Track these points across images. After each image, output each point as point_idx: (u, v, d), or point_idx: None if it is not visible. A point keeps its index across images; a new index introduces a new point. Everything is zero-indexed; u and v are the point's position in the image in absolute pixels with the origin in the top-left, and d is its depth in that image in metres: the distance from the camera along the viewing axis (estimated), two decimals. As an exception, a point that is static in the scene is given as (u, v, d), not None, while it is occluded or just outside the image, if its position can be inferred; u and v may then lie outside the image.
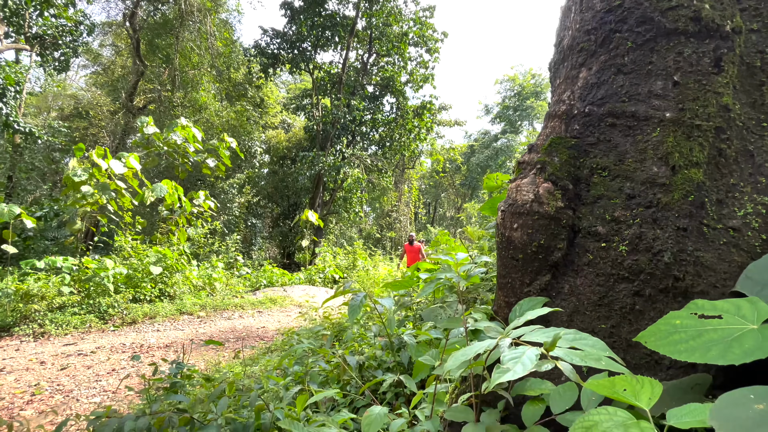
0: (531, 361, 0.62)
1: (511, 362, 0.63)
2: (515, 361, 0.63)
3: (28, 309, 5.77)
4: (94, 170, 8.14)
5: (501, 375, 0.60)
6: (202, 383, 1.82)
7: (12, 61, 11.22)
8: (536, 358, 0.63)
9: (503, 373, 0.61)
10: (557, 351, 0.65)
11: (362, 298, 1.00)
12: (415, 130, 19.07)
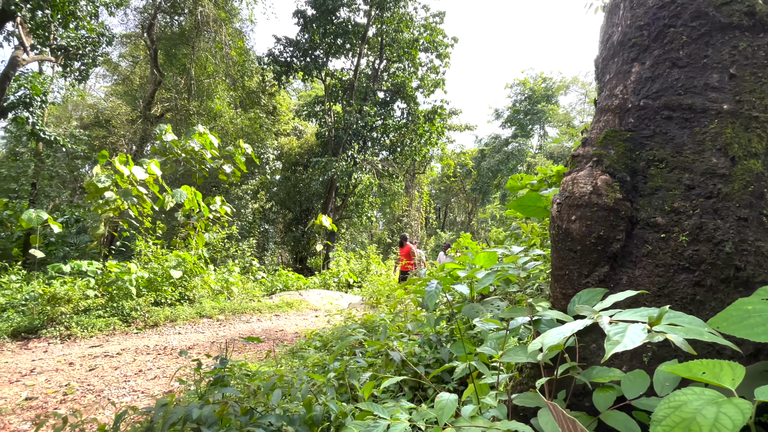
0: (639, 335, 0.64)
1: (618, 336, 0.64)
2: (621, 335, 0.65)
3: (54, 312, 5.90)
4: (116, 177, 8.35)
5: (613, 347, 0.62)
6: (246, 378, 1.86)
7: (36, 72, 11.60)
8: (644, 332, 0.65)
9: (614, 345, 0.62)
10: (660, 327, 0.67)
11: (437, 286, 1.02)
12: (426, 135, 19.14)
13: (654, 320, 0.67)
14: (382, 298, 5.94)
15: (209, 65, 18.48)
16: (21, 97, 9.17)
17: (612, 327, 0.70)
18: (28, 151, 13.68)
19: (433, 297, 1.02)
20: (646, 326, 0.67)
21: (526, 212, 2.19)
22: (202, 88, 19.10)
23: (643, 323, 0.69)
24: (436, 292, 1.03)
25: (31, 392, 3.77)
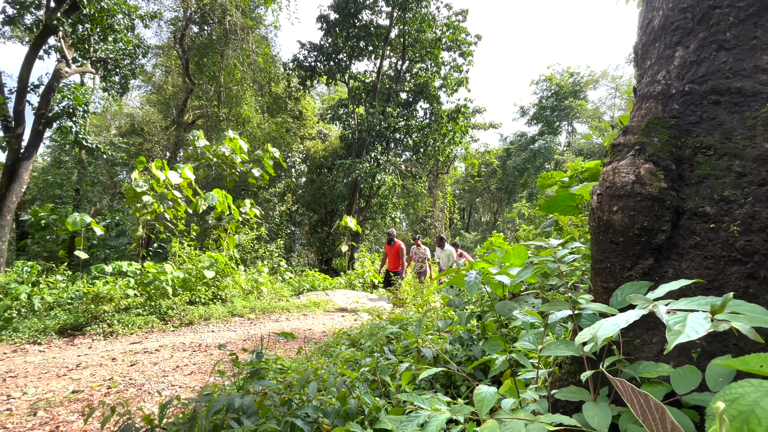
0: (702, 325, 0.61)
1: (679, 326, 0.62)
2: (682, 325, 0.62)
3: (98, 310, 6.23)
4: (153, 181, 8.73)
5: (675, 337, 0.60)
6: (281, 373, 1.91)
7: (78, 83, 12.30)
8: (707, 321, 0.62)
9: (676, 335, 0.60)
10: (723, 315, 0.64)
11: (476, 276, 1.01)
12: (450, 135, 18.99)
13: (717, 308, 0.64)
14: (408, 297, 5.93)
15: (237, 72, 19.05)
16: (64, 108, 9.75)
17: (671, 317, 0.67)
18: (71, 158, 14.53)
19: (474, 288, 1.01)
20: (708, 315, 0.64)
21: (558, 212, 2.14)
22: (231, 95, 19.71)
23: (704, 312, 0.66)
24: (476, 283, 1.01)
25: (77, 386, 3.99)
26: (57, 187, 13.62)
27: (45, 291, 6.52)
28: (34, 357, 4.85)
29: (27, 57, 9.26)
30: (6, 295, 6.25)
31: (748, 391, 0.66)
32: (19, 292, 6.22)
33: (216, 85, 18.91)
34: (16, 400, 3.44)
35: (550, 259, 1.18)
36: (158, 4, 18.01)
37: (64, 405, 3.37)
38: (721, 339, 1.07)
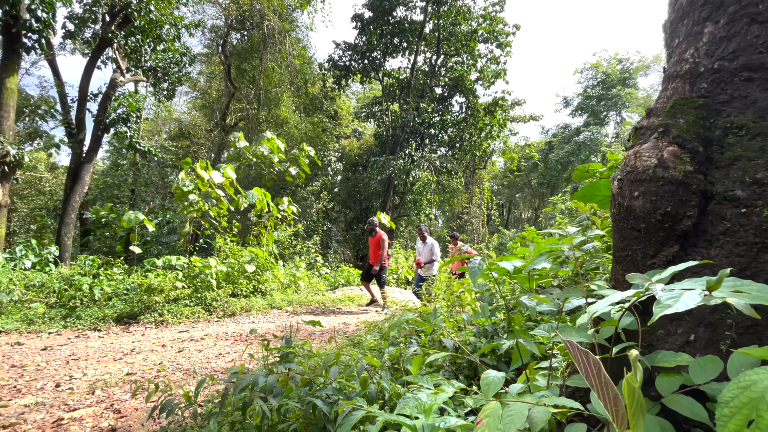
0: (694, 299, 0.59)
1: (671, 300, 0.60)
2: (674, 300, 0.60)
3: (150, 300, 6.72)
4: (198, 181, 9.27)
5: (662, 310, 0.58)
6: (308, 357, 2.00)
7: (132, 91, 13.25)
8: (700, 296, 0.60)
9: (664, 308, 0.59)
10: (721, 292, 0.61)
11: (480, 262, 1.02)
12: (487, 129, 18.56)
13: (713, 284, 0.61)
14: (439, 293, 5.93)
15: (275, 75, 19.71)
16: (120, 114, 10.57)
17: (665, 293, 0.65)
18: (127, 161, 15.70)
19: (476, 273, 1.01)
20: (704, 291, 0.62)
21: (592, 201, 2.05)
22: (269, 98, 20.44)
23: (701, 288, 0.63)
24: (479, 269, 1.02)
25: (131, 369, 4.34)
26: (115, 188, 14.79)
27: (104, 282, 7.13)
28: (94, 342, 5.32)
29: (86, 68, 10.11)
30: (71, 286, 6.90)
31: (762, 377, 0.63)
32: (81, 283, 6.85)
33: (255, 88, 19.66)
34: (78, 380, 3.81)
35: (566, 246, 1.14)
36: (201, 13, 18.98)
37: (119, 385, 3.69)
38: (754, 331, 1.00)
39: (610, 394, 0.32)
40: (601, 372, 0.32)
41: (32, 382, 3.72)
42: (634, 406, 0.30)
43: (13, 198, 14.47)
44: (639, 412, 0.30)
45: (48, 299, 6.64)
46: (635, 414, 0.30)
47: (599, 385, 0.32)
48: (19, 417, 2.94)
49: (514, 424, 0.73)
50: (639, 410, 0.30)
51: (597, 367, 0.32)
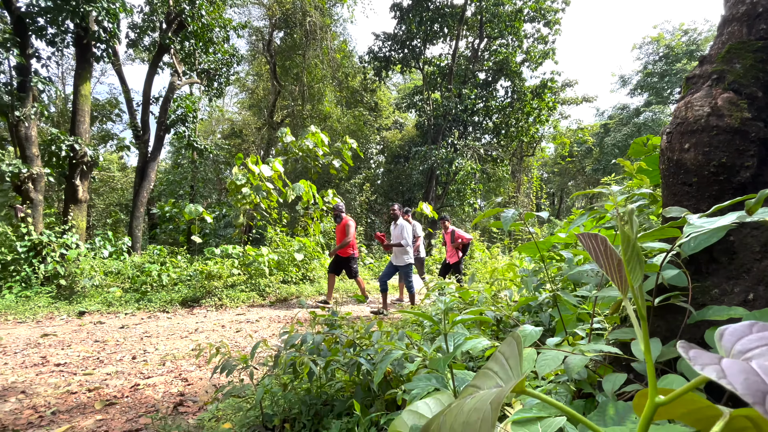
0: (729, 219, 0.57)
1: (706, 223, 0.58)
2: (710, 222, 0.58)
3: (210, 285, 7.25)
4: (249, 175, 9.79)
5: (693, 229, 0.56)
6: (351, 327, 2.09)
7: (188, 93, 14.19)
8: (736, 218, 0.57)
9: (695, 228, 0.57)
10: (761, 214, 0.58)
11: (514, 213, 1.02)
12: (535, 113, 17.73)
13: (752, 206, 0.58)
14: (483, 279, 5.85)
15: (318, 71, 20.16)
16: (179, 116, 11.38)
17: (700, 219, 0.62)
18: (186, 160, 16.89)
19: (509, 221, 1.01)
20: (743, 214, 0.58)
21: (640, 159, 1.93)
22: (312, 93, 20.97)
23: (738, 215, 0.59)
24: (512, 217, 1.01)
25: (195, 345, 4.73)
26: (176, 185, 16.00)
27: (170, 270, 7.78)
28: (163, 322, 5.85)
29: (148, 74, 10.98)
30: (142, 272, 7.61)
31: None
32: (151, 270, 7.53)
33: (299, 84, 20.24)
34: (150, 354, 4.23)
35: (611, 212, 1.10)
36: (247, 15, 19.80)
37: (186, 359, 4.05)
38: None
39: (614, 261, 0.33)
40: (606, 245, 0.33)
41: (112, 354, 4.18)
42: (630, 256, 0.31)
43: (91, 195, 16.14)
44: (636, 263, 0.31)
45: (123, 284, 7.39)
46: (632, 265, 0.31)
47: (604, 256, 0.33)
48: (102, 383, 3.33)
49: (549, 366, 0.74)
50: (636, 261, 0.31)
51: (603, 242, 0.33)
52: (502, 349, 0.34)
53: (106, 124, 18.34)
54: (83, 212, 8.56)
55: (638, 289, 0.30)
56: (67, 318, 5.90)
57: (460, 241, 7.32)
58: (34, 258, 7.02)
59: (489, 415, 0.26)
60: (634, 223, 0.31)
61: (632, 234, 0.30)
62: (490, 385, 0.31)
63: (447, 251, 7.55)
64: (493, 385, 0.31)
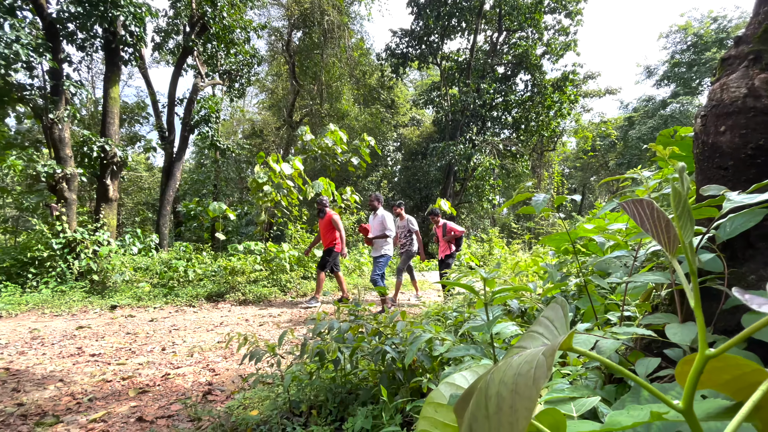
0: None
1: (746, 200, 0.57)
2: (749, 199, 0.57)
3: (234, 281, 7.43)
4: (270, 173, 9.97)
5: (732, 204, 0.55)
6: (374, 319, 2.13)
7: (211, 94, 14.53)
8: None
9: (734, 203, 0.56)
10: None
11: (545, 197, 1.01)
12: (555, 106, 17.33)
13: None
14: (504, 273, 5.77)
15: (336, 69, 20.29)
16: (203, 116, 11.66)
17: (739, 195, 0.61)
18: (209, 160, 17.32)
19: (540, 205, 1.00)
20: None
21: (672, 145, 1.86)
22: (331, 92, 21.13)
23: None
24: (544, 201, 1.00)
25: (221, 338, 4.87)
26: (200, 184, 16.45)
27: (196, 265, 8.01)
28: (190, 316, 6.04)
29: (173, 76, 11.29)
30: (169, 268, 7.86)
31: None
32: (178, 266, 7.77)
33: (318, 83, 20.42)
34: (179, 346, 4.38)
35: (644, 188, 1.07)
36: (266, 16, 20.08)
37: (212, 350, 4.18)
38: None
39: (662, 223, 0.33)
40: (653, 207, 0.33)
41: (143, 346, 4.35)
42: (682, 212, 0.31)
43: (121, 194, 16.75)
44: (687, 219, 0.31)
45: (152, 280, 7.66)
46: (683, 221, 0.31)
47: (652, 220, 0.33)
48: (135, 372, 3.47)
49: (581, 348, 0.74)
50: (687, 217, 0.31)
51: (649, 205, 0.33)
52: (546, 314, 0.35)
53: (134, 126, 18.99)
54: (114, 211, 8.90)
55: (689, 245, 0.30)
56: (100, 311, 6.17)
57: (452, 234, 6.87)
58: (68, 254, 7.36)
59: (543, 362, 0.27)
60: (685, 180, 0.31)
61: (683, 190, 0.31)
62: (536, 344, 0.32)
63: (439, 246, 7.03)
64: (539, 345, 0.32)
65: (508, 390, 0.29)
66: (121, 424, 2.46)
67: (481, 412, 0.31)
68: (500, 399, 0.30)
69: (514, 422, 0.27)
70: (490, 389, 0.31)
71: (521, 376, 0.29)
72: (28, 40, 6.81)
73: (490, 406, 0.30)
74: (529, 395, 0.26)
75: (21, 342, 4.41)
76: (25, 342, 4.41)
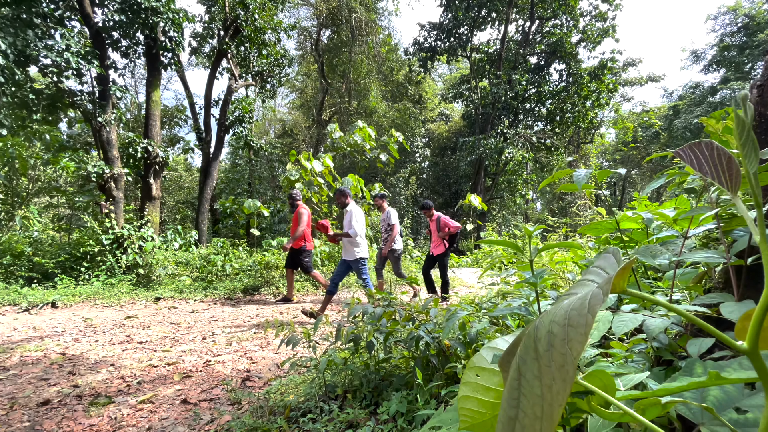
0: None
1: None
2: None
3: (268, 275, 7.66)
4: (302, 171, 10.18)
5: None
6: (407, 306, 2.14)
7: (245, 95, 14.98)
8: None
9: None
10: None
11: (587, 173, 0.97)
12: (593, 96, 16.60)
13: None
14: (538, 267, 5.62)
15: (363, 66, 20.38)
16: (237, 117, 12.06)
17: None
18: (243, 159, 17.90)
19: (582, 180, 0.95)
20: None
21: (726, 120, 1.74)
22: (359, 90, 21.26)
23: None
24: (585, 176, 0.96)
25: (257, 329, 5.04)
26: (235, 183, 17.03)
27: (233, 260, 8.32)
28: (228, 308, 6.28)
29: (208, 79, 11.74)
30: (208, 263, 8.21)
31: None
32: (216, 261, 8.10)
33: (346, 81, 20.60)
34: (218, 335, 4.57)
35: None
36: (295, 16, 20.44)
37: (249, 340, 4.33)
38: None
39: (723, 161, 0.31)
40: (712, 146, 0.31)
41: (185, 335, 4.57)
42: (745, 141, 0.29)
43: (163, 193, 17.63)
44: (750, 148, 0.29)
45: (192, 273, 8.03)
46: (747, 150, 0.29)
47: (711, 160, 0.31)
48: (179, 358, 3.66)
49: (626, 327, 0.71)
50: (750, 146, 0.29)
51: (709, 145, 0.31)
52: (598, 263, 0.34)
53: (174, 128, 19.93)
54: (157, 208, 9.39)
55: (753, 176, 0.28)
56: (145, 303, 6.54)
57: (447, 230, 6.23)
58: (116, 249, 7.84)
59: (598, 293, 0.26)
60: (749, 107, 0.29)
61: (747, 118, 0.28)
62: (587, 290, 0.31)
63: (432, 241, 6.43)
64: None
65: (559, 326, 0.29)
66: (167, 405, 2.60)
67: (530, 354, 0.30)
68: (551, 336, 0.29)
69: (566, 353, 0.27)
70: (540, 331, 0.31)
71: (574, 310, 0.28)
72: (77, 49, 7.29)
73: (540, 347, 0.30)
74: (583, 323, 0.26)
75: (75, 330, 4.75)
76: (79, 330, 4.75)
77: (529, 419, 0.28)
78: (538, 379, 0.29)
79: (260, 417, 1.80)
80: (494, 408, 0.50)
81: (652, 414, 0.41)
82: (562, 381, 0.26)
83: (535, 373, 0.29)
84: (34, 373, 3.22)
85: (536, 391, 0.29)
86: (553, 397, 0.27)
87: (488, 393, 0.50)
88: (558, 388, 0.26)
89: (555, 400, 0.26)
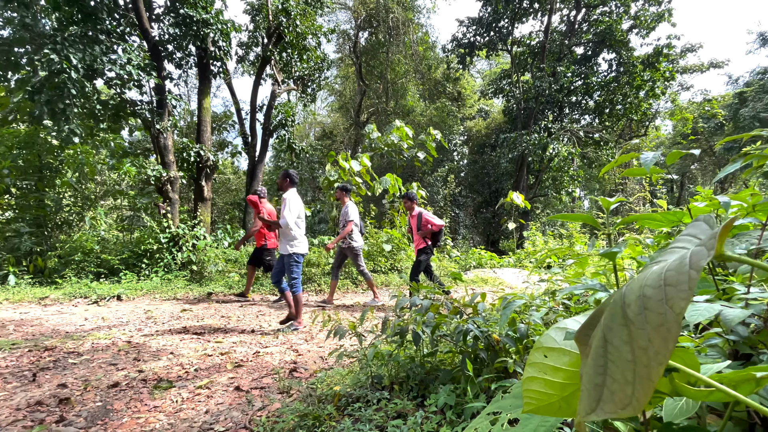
0: None
1: None
2: None
3: (310, 273, 7.87)
4: (340, 171, 10.37)
5: None
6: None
7: (287, 100, 15.49)
8: None
9: None
10: None
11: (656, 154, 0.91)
12: (647, 86, 15.51)
13: None
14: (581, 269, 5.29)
15: (401, 66, 20.40)
16: (280, 121, 12.50)
17: None
18: (285, 162, 18.53)
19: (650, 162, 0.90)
20: None
21: None
22: (396, 89, 21.31)
23: None
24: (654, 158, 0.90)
25: (302, 324, 5.20)
26: (278, 184, 17.70)
27: (276, 258, 8.63)
28: (273, 303, 6.53)
29: (253, 85, 12.26)
30: (255, 260, 8.56)
31: None
32: (262, 258, 8.43)
33: (383, 82, 20.72)
34: (265, 328, 4.76)
35: None
36: (334, 20, 20.85)
37: (295, 334, 4.48)
38: None
39: None
40: None
41: (235, 327, 4.81)
42: None
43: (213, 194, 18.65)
44: None
45: (240, 270, 8.42)
46: None
47: None
48: (231, 349, 3.85)
49: (702, 316, 0.66)
50: None
51: None
52: (688, 231, 0.32)
53: (222, 133, 21.03)
54: (208, 209, 9.95)
55: None
56: (199, 297, 6.95)
57: (428, 228, 5.80)
58: (173, 247, 8.39)
59: (701, 249, 0.25)
60: None
61: None
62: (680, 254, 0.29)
63: (414, 240, 6.01)
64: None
65: (653, 288, 0.28)
66: (222, 391, 2.75)
67: (617, 321, 0.29)
68: (644, 299, 0.28)
69: (665, 312, 0.26)
70: (628, 297, 0.30)
71: (671, 270, 0.27)
72: (137, 62, 7.89)
73: (629, 312, 0.29)
74: (685, 279, 0.25)
75: (138, 321, 5.14)
76: (142, 321, 5.14)
77: (618, 384, 0.28)
78: (628, 345, 0.28)
79: (310, 404, 1.86)
80: (563, 389, 0.49)
81: (745, 390, 0.38)
82: (662, 340, 0.25)
83: (624, 339, 0.29)
84: (104, 359, 3.52)
85: (626, 356, 0.28)
86: (650, 359, 0.26)
87: (557, 373, 0.49)
88: (657, 348, 0.26)
89: (653, 360, 0.26)
